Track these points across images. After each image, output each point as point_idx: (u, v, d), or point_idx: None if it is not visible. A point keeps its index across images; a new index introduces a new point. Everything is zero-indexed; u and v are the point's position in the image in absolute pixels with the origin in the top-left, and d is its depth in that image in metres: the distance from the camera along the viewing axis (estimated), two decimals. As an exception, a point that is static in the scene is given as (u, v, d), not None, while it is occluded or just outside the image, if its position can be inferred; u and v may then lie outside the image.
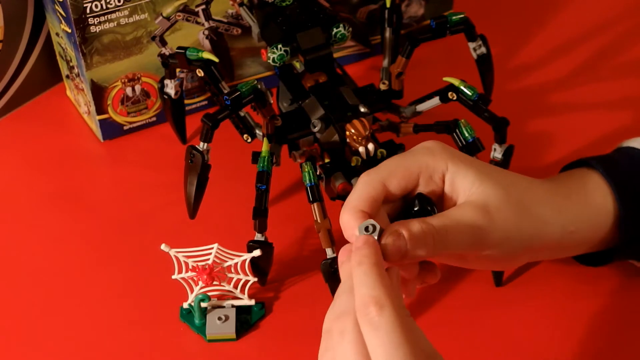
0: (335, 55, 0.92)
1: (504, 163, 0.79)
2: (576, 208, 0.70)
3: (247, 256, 0.76)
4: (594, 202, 0.71)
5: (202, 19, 0.90)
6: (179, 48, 0.81)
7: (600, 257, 0.75)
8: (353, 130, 0.75)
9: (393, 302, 0.56)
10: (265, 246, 0.77)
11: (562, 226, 0.69)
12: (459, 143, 0.78)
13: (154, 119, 0.95)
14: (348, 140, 0.76)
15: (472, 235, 0.64)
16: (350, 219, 0.62)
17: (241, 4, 0.86)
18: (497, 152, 0.79)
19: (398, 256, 0.61)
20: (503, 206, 0.65)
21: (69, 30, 0.87)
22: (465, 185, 0.65)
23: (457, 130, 0.78)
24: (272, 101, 0.78)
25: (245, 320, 0.78)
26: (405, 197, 0.66)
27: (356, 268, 0.58)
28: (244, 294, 0.78)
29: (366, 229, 0.60)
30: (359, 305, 0.56)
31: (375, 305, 0.55)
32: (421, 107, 0.82)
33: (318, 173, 0.77)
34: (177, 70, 0.87)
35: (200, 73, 0.80)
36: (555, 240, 0.69)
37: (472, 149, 0.77)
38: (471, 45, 0.85)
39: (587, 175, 0.73)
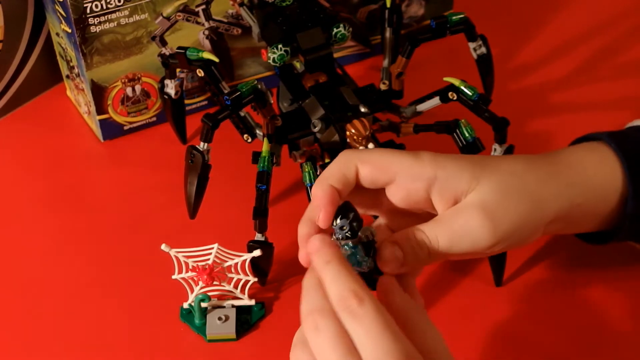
0: (335, 55, 0.92)
1: (504, 163, 0.79)
2: (583, 180, 0.69)
3: (247, 256, 0.76)
4: (602, 174, 0.70)
5: (202, 19, 0.90)
6: (179, 48, 0.81)
7: (604, 236, 0.74)
8: (353, 130, 0.75)
9: (371, 296, 0.56)
10: (266, 246, 0.77)
11: (571, 199, 0.68)
12: (459, 143, 0.78)
13: (154, 119, 0.95)
14: (348, 140, 0.76)
15: (471, 239, 0.63)
16: (316, 190, 0.62)
17: (241, 4, 0.86)
18: (497, 152, 0.79)
19: (396, 266, 0.62)
20: (502, 202, 0.64)
21: (69, 30, 0.87)
22: (462, 188, 0.64)
23: (457, 130, 0.78)
24: (272, 101, 0.78)
25: (245, 320, 0.78)
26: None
27: (324, 266, 0.57)
28: (244, 294, 0.78)
29: (364, 231, 0.61)
30: (337, 299, 0.56)
31: (355, 298, 0.55)
32: (421, 107, 0.82)
33: (318, 173, 0.77)
34: (177, 70, 0.87)
35: (200, 73, 0.80)
36: (565, 214, 0.68)
37: (472, 149, 0.77)
38: (471, 45, 0.86)
39: (596, 147, 0.72)
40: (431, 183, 0.64)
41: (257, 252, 0.76)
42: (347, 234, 0.61)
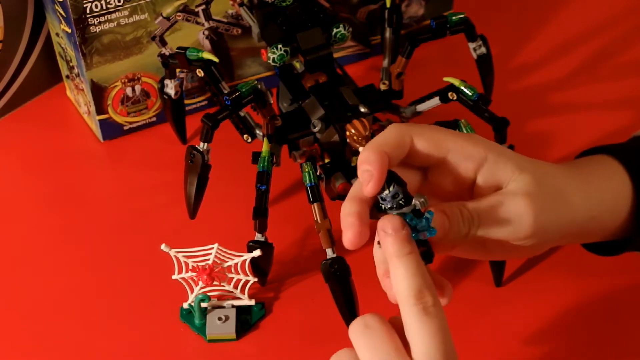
0: (335, 55, 0.92)
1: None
2: (598, 193, 0.69)
3: (247, 256, 0.76)
4: (613, 187, 0.70)
5: (202, 19, 0.90)
6: (179, 48, 0.81)
7: (612, 246, 0.74)
8: (353, 131, 0.75)
9: (439, 300, 0.57)
10: (265, 246, 0.77)
11: (588, 211, 0.68)
12: (459, 143, 0.78)
13: (154, 119, 0.95)
14: (348, 140, 0.76)
15: (512, 226, 0.63)
16: (369, 154, 0.59)
17: (241, 4, 0.86)
18: (497, 152, 0.79)
19: (442, 235, 0.60)
20: (542, 195, 0.64)
21: (69, 30, 0.87)
22: (506, 175, 0.63)
23: (457, 131, 0.78)
24: (272, 101, 0.78)
25: (245, 320, 0.78)
26: (425, 171, 0.64)
27: (404, 257, 0.57)
28: (244, 294, 0.78)
29: (417, 197, 0.58)
30: (414, 292, 0.56)
31: (431, 296, 0.56)
32: (421, 107, 0.82)
33: (318, 173, 0.77)
34: (177, 70, 0.87)
35: (200, 73, 0.80)
36: (580, 225, 0.67)
37: (472, 149, 0.77)
38: (471, 45, 0.86)
39: (605, 161, 0.72)
40: (481, 164, 0.63)
41: (257, 252, 0.76)
42: (400, 202, 0.57)
